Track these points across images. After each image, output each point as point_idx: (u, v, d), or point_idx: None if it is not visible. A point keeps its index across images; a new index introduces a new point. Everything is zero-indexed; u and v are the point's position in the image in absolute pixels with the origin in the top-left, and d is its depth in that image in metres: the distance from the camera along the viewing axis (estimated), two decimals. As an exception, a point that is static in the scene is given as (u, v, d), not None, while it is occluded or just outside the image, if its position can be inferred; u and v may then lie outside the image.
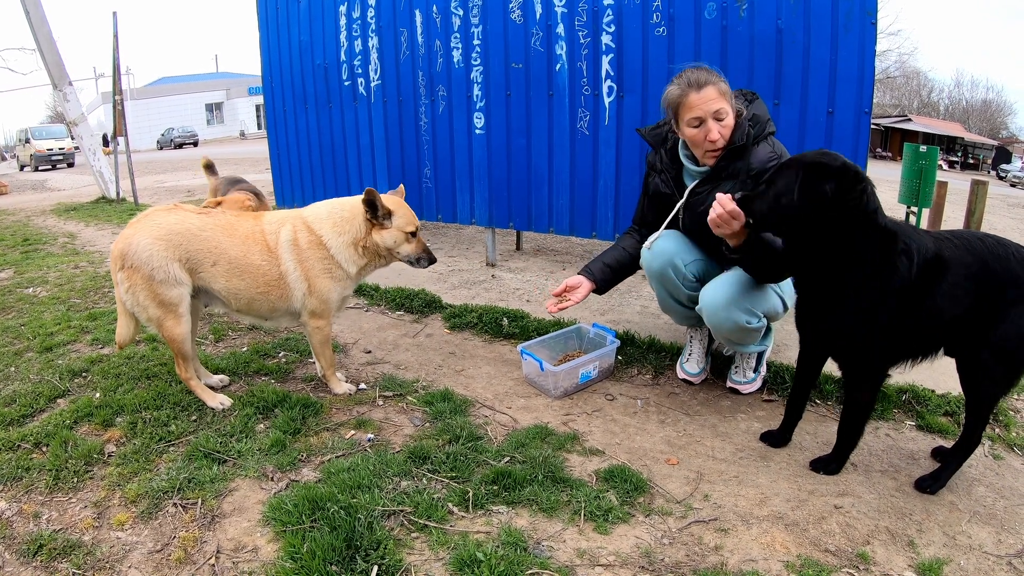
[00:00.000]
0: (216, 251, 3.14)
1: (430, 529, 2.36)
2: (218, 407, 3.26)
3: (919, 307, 2.45)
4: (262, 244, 3.20)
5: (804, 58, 4.20)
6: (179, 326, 3.16)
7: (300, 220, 3.26)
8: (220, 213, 3.30)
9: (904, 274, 2.41)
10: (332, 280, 3.25)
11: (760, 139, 3.09)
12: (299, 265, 3.20)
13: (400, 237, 3.25)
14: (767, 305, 3.19)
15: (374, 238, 3.22)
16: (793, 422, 2.99)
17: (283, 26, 7.19)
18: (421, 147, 6.30)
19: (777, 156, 3.07)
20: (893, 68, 47.61)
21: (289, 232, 3.21)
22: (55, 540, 2.35)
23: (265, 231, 3.24)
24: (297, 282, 3.21)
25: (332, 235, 3.21)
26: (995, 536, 2.41)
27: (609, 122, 5.08)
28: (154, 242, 3.07)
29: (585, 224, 5.41)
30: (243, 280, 3.18)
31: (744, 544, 2.34)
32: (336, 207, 3.29)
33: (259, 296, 3.22)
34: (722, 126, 2.99)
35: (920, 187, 7.88)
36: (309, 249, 3.20)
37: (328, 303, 3.28)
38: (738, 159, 3.08)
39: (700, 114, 2.98)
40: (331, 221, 3.24)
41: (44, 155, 28.44)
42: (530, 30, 5.29)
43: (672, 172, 3.33)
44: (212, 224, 3.19)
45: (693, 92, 2.97)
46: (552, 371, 3.40)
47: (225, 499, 2.58)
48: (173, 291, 3.11)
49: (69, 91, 12.46)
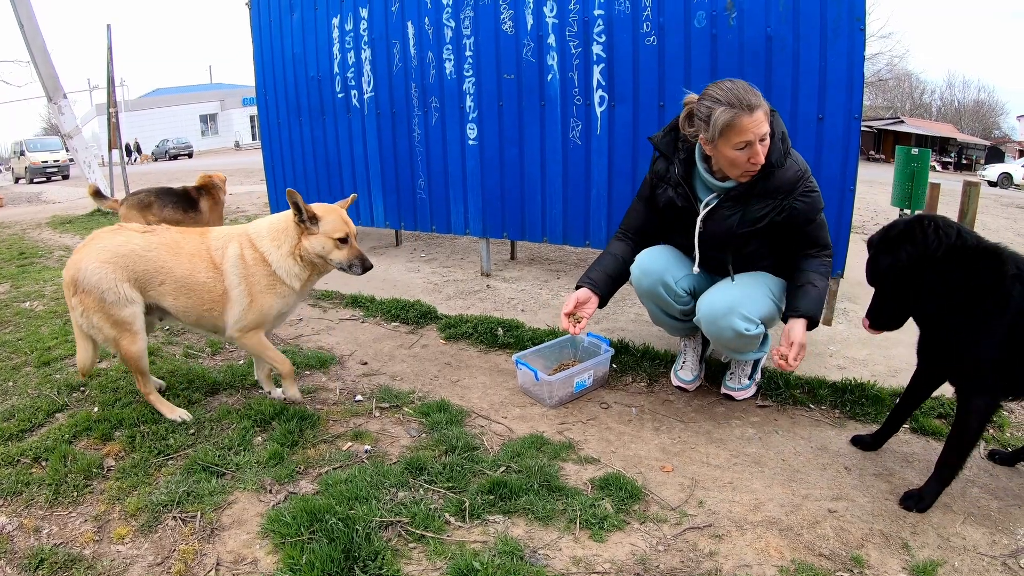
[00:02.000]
0: (163, 270, 3.16)
1: (427, 539, 2.38)
2: (177, 419, 3.29)
3: None
4: (208, 261, 3.21)
5: (793, 65, 4.23)
6: (135, 344, 3.19)
7: (246, 237, 3.25)
8: (166, 231, 3.31)
9: (1018, 302, 2.34)
10: (275, 296, 3.24)
11: (786, 154, 3.05)
12: (244, 281, 3.19)
13: (328, 243, 3.19)
14: (765, 312, 3.20)
15: (303, 244, 3.18)
16: (889, 432, 2.99)
17: (276, 38, 7.22)
18: (414, 158, 6.32)
19: (802, 171, 3.06)
20: (885, 71, 47.69)
21: (236, 249, 3.21)
22: (56, 554, 2.36)
23: (211, 247, 3.24)
24: (239, 298, 3.20)
25: (272, 249, 3.21)
26: (989, 537, 2.42)
27: (601, 131, 5.11)
28: (101, 265, 3.09)
29: (578, 233, 5.43)
30: (190, 298, 3.20)
31: (738, 550, 2.36)
32: (273, 220, 3.29)
33: (206, 312, 3.23)
34: (764, 147, 2.91)
35: (912, 189, 7.92)
36: (255, 266, 3.20)
37: (266, 317, 3.27)
38: (768, 176, 3.03)
39: (751, 138, 2.85)
40: (270, 236, 3.23)
41: (39, 167, 28.40)
42: (521, 41, 5.32)
43: (687, 186, 3.23)
44: (157, 243, 3.21)
45: (746, 116, 2.82)
46: (547, 380, 3.42)
47: (224, 512, 2.59)
48: (126, 310, 3.14)
49: (64, 104, 12.49)
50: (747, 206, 3.11)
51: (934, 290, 2.43)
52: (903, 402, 2.92)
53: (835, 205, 4.19)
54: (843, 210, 4.21)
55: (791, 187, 3.04)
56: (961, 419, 2.54)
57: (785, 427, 3.24)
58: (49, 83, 12.10)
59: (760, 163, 2.94)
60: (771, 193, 3.06)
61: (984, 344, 2.40)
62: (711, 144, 2.97)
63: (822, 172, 4.17)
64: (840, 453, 2.98)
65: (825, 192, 4.10)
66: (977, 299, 2.38)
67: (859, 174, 4.23)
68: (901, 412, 2.94)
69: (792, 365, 2.93)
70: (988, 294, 2.36)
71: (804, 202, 3.07)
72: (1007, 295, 2.34)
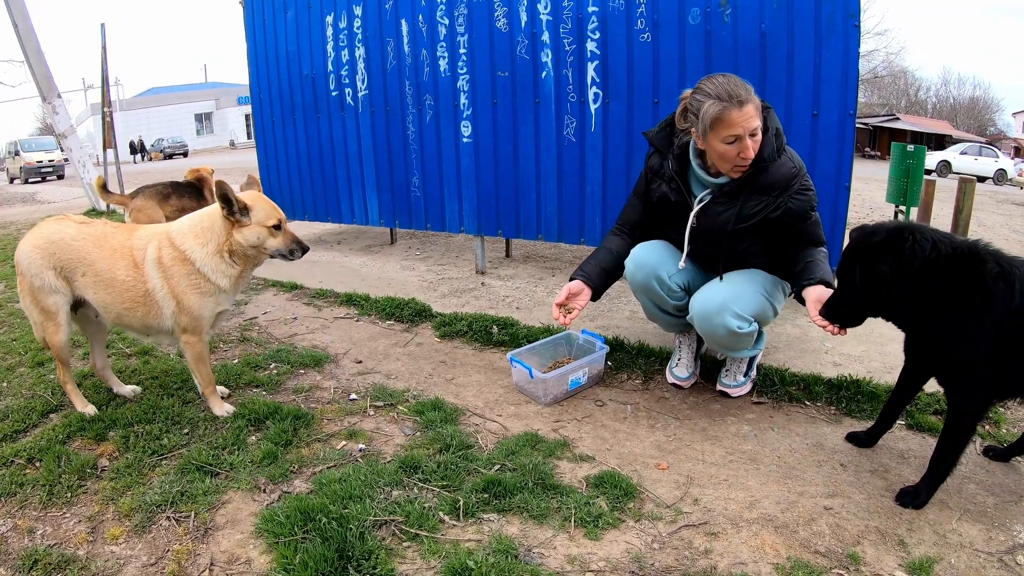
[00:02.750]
0: (85, 262, 3.14)
1: (421, 538, 2.37)
2: (89, 413, 3.32)
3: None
4: (129, 259, 3.16)
5: (788, 61, 4.22)
6: (58, 333, 3.20)
7: (165, 236, 3.18)
8: (99, 224, 3.29)
9: (1003, 300, 2.32)
10: (201, 295, 3.16)
11: (780, 151, 3.06)
12: (166, 283, 3.13)
13: (263, 232, 3.11)
14: (758, 310, 3.20)
15: (236, 238, 3.10)
16: (883, 429, 2.98)
17: (270, 37, 7.20)
18: (409, 156, 6.31)
19: (796, 168, 3.07)
20: (880, 67, 47.79)
21: (154, 250, 3.15)
22: (50, 555, 2.36)
23: (134, 246, 3.19)
24: (165, 300, 3.15)
25: (196, 248, 3.13)
26: (986, 533, 2.42)
27: (595, 128, 5.10)
28: (33, 250, 3.13)
29: (573, 230, 5.42)
30: (109, 294, 3.16)
31: (734, 547, 2.35)
32: (197, 218, 3.22)
33: (126, 311, 3.18)
34: (755, 142, 2.92)
35: (908, 186, 7.93)
36: (174, 266, 3.12)
37: (200, 319, 3.20)
38: (761, 172, 3.05)
39: (740, 132, 2.86)
40: (193, 233, 3.15)
41: (34, 167, 28.35)
42: (516, 38, 5.31)
43: (682, 179, 3.25)
44: (86, 234, 3.19)
45: (735, 110, 2.84)
46: (542, 378, 3.42)
47: (218, 511, 2.59)
48: (50, 299, 3.15)
49: (58, 103, 12.43)
50: (741, 202, 3.10)
51: (909, 300, 2.41)
52: (894, 397, 2.92)
53: (830, 201, 4.19)
54: (838, 206, 4.20)
55: (785, 184, 3.04)
56: (953, 419, 2.53)
57: (781, 424, 3.24)
58: (43, 83, 12.05)
59: (750, 158, 2.95)
60: (765, 189, 3.06)
61: (972, 344, 2.39)
62: (702, 138, 2.99)
63: (817, 168, 4.16)
64: (836, 450, 2.97)
65: (820, 188, 4.09)
66: (960, 301, 2.36)
67: (854, 171, 4.23)
68: (893, 408, 2.93)
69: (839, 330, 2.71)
70: (971, 295, 2.34)
71: (799, 200, 3.06)
72: (990, 294, 2.32)
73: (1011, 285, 2.32)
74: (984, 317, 2.34)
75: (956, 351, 2.43)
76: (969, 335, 2.38)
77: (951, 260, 2.33)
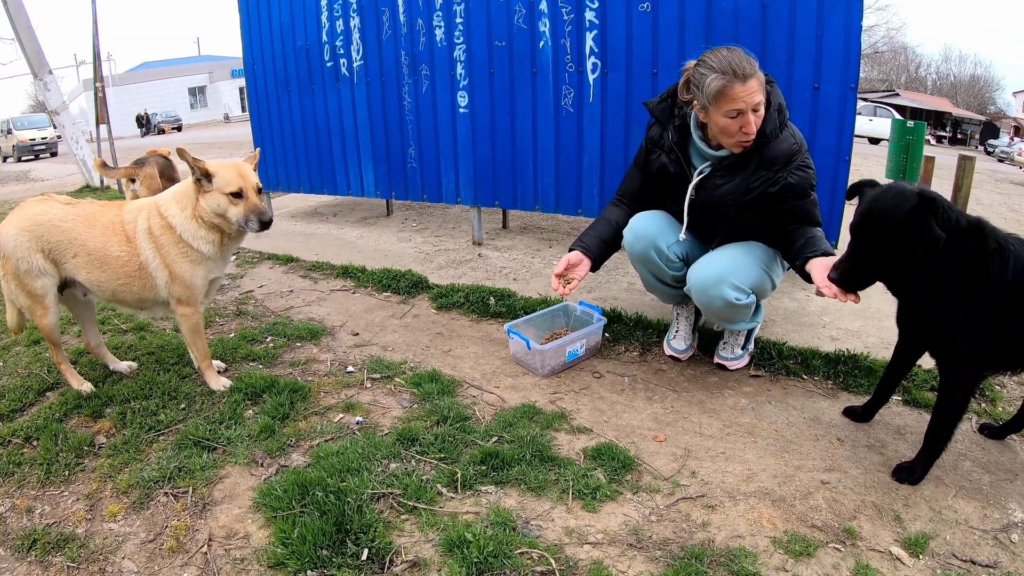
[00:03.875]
0: (76, 242, 3.11)
1: (419, 511, 2.37)
2: (85, 391, 3.32)
3: (1016, 315, 2.37)
4: (121, 234, 3.14)
5: (789, 33, 4.17)
6: (47, 316, 3.18)
7: (154, 206, 3.16)
8: (86, 204, 3.26)
9: (998, 276, 2.32)
10: (190, 263, 3.14)
11: (782, 127, 3.04)
12: (157, 252, 3.12)
13: (223, 200, 3.02)
14: (756, 282, 3.18)
15: (200, 204, 3.05)
16: (879, 404, 2.98)
17: (263, 8, 7.10)
18: (405, 127, 6.25)
19: (797, 144, 3.04)
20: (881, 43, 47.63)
21: (144, 221, 3.13)
22: (48, 534, 2.36)
23: (124, 220, 3.16)
24: (158, 270, 3.14)
25: (176, 213, 3.10)
26: (981, 511, 2.43)
27: (594, 99, 5.05)
28: (19, 232, 3.08)
29: (571, 201, 5.39)
30: (103, 272, 3.14)
31: (731, 520, 2.36)
32: (179, 185, 3.19)
33: (121, 288, 3.17)
34: (757, 117, 2.90)
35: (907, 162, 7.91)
36: (162, 235, 3.11)
37: (192, 288, 3.18)
38: (763, 147, 3.02)
39: (742, 107, 2.84)
40: (175, 200, 3.12)
41: (27, 145, 28.23)
42: (513, 7, 5.24)
43: (682, 151, 3.23)
44: (74, 215, 3.15)
45: (739, 84, 2.81)
46: (539, 350, 3.41)
47: (216, 487, 2.59)
48: (38, 282, 3.12)
49: (49, 80, 12.31)
50: (740, 176, 3.08)
51: (927, 271, 2.37)
52: (889, 372, 2.91)
53: (830, 176, 4.16)
54: (838, 181, 4.18)
55: (786, 160, 3.01)
56: (946, 393, 2.53)
57: (778, 397, 3.24)
58: (34, 60, 11.92)
59: (752, 133, 2.92)
60: (765, 164, 3.04)
61: (969, 319, 2.38)
62: (704, 111, 2.96)
63: (817, 142, 4.13)
64: (833, 424, 2.97)
65: (820, 162, 4.06)
66: (961, 275, 2.35)
67: (854, 146, 4.20)
68: (889, 382, 2.93)
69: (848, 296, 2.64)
70: (972, 270, 2.34)
71: (798, 176, 3.03)
72: (989, 270, 2.32)
73: (1006, 261, 2.32)
74: (983, 292, 2.34)
75: (953, 325, 2.43)
76: (967, 309, 2.38)
77: (964, 234, 2.32)
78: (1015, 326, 2.38)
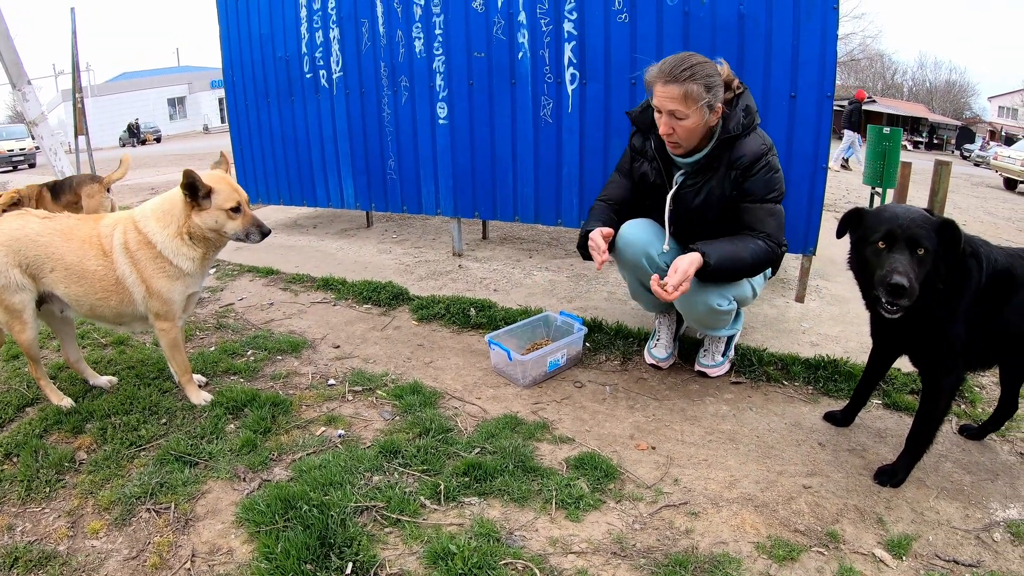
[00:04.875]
0: (53, 257, 3.09)
1: (403, 523, 2.37)
2: (65, 406, 3.28)
3: (991, 316, 2.42)
4: (98, 248, 3.12)
5: (766, 43, 4.21)
6: (25, 331, 3.15)
7: (130, 220, 3.14)
8: (63, 218, 3.23)
9: (975, 279, 2.37)
10: (168, 278, 3.13)
11: (751, 129, 3.09)
12: (133, 267, 3.10)
13: (222, 216, 3.07)
14: (738, 290, 3.22)
15: (195, 220, 3.06)
16: (857, 407, 3.03)
17: (243, 18, 7.09)
18: (384, 138, 6.25)
19: (767, 147, 3.09)
20: (857, 51, 48.08)
21: (120, 235, 3.11)
22: (30, 552, 2.33)
23: (101, 235, 3.14)
24: (135, 285, 3.12)
25: (157, 230, 3.09)
26: (963, 511, 2.46)
27: (572, 110, 5.07)
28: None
29: (550, 212, 5.40)
30: (80, 286, 3.12)
31: (714, 527, 2.37)
32: (159, 201, 3.17)
33: (99, 302, 3.15)
34: (679, 124, 2.98)
35: (884, 168, 8.00)
36: (139, 250, 3.09)
37: (171, 303, 3.17)
38: (729, 148, 3.09)
39: (658, 104, 2.99)
40: (155, 217, 3.11)
41: (5, 156, 27.83)
42: (492, 18, 5.27)
43: (663, 160, 3.28)
44: (51, 229, 3.13)
45: (659, 83, 2.97)
46: (520, 360, 3.41)
47: (198, 502, 2.57)
48: (15, 297, 3.09)
49: (28, 90, 12.18)
50: (714, 179, 3.14)
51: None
52: (866, 378, 2.96)
53: (807, 182, 4.20)
54: (815, 187, 4.21)
55: (755, 157, 3.07)
56: (928, 397, 2.56)
57: (759, 404, 3.26)
58: (12, 69, 11.79)
59: (664, 135, 3.05)
60: (734, 164, 3.09)
61: (949, 325, 2.41)
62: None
63: (794, 149, 4.17)
64: (814, 429, 3.00)
65: (797, 169, 4.11)
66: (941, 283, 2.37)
67: (831, 152, 4.25)
68: (866, 386, 2.98)
69: (670, 293, 2.86)
70: (950, 276, 2.36)
71: (762, 178, 3.08)
72: (969, 274, 2.36)
73: (980, 264, 2.36)
74: (961, 297, 2.38)
75: (935, 334, 2.45)
76: (948, 316, 2.41)
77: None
78: (990, 324, 2.43)
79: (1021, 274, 2.42)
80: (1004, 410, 2.91)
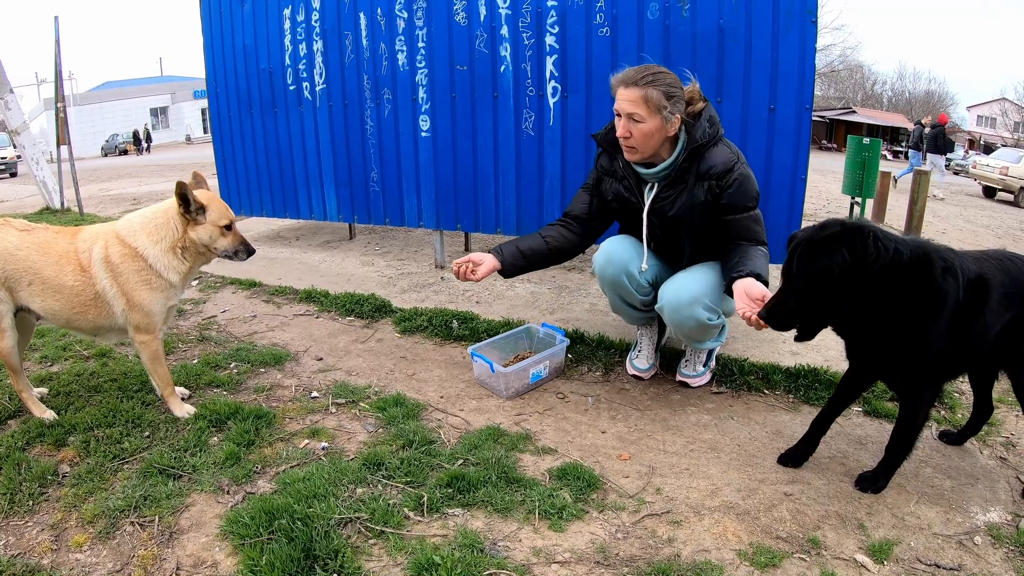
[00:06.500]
0: (31, 271, 3.09)
1: (387, 535, 2.38)
2: (48, 419, 3.26)
3: (971, 327, 2.43)
4: (75, 263, 3.12)
5: (746, 56, 4.27)
6: (3, 341, 3.15)
7: (112, 234, 3.14)
8: (41, 230, 3.23)
9: (953, 295, 2.34)
10: (152, 291, 3.15)
11: (717, 140, 3.13)
12: (114, 281, 3.10)
13: (215, 232, 3.15)
14: (727, 303, 3.25)
15: (190, 235, 3.11)
16: (817, 440, 2.84)
17: (227, 30, 7.09)
18: (367, 151, 6.27)
19: (735, 157, 3.12)
20: (837, 62, 48.54)
21: (100, 249, 3.11)
22: (14, 566, 2.31)
23: (78, 250, 3.14)
24: (115, 298, 3.12)
25: (149, 244, 3.11)
26: (943, 516, 2.50)
27: (554, 122, 5.11)
28: None
29: (533, 224, 5.42)
30: (57, 300, 3.12)
31: (697, 535, 2.39)
32: (149, 214, 3.19)
33: (76, 316, 3.16)
34: (636, 127, 3.03)
35: (864, 178, 8.09)
36: (123, 263, 3.10)
37: (151, 315, 3.18)
38: (698, 159, 3.12)
39: (617, 107, 3.07)
40: (146, 230, 3.13)
41: (-14, 165, 27.67)
42: (474, 32, 5.30)
43: (633, 178, 3.31)
44: (29, 242, 3.13)
45: (620, 86, 3.06)
46: (503, 372, 3.43)
47: (182, 515, 2.56)
48: None
49: (10, 99, 12.11)
50: (685, 192, 3.17)
51: (867, 304, 2.36)
52: (834, 403, 2.80)
53: (787, 193, 4.25)
54: (795, 198, 4.27)
55: (725, 168, 3.09)
56: (908, 413, 2.57)
57: (740, 413, 3.29)
58: (-6, 78, 11.75)
59: (623, 138, 3.10)
60: (704, 175, 3.13)
61: (929, 345, 2.41)
62: None
63: (774, 161, 4.23)
64: (795, 437, 3.01)
65: (777, 181, 4.16)
66: (914, 303, 2.36)
67: (811, 163, 4.30)
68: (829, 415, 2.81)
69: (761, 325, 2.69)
70: (924, 295, 2.35)
71: (739, 188, 3.10)
72: (943, 292, 2.34)
73: (957, 280, 2.36)
74: (938, 317, 2.37)
75: (912, 353, 2.45)
76: (924, 336, 2.40)
77: (910, 263, 2.31)
78: (968, 336, 2.45)
79: (992, 278, 2.45)
80: (980, 413, 2.96)
